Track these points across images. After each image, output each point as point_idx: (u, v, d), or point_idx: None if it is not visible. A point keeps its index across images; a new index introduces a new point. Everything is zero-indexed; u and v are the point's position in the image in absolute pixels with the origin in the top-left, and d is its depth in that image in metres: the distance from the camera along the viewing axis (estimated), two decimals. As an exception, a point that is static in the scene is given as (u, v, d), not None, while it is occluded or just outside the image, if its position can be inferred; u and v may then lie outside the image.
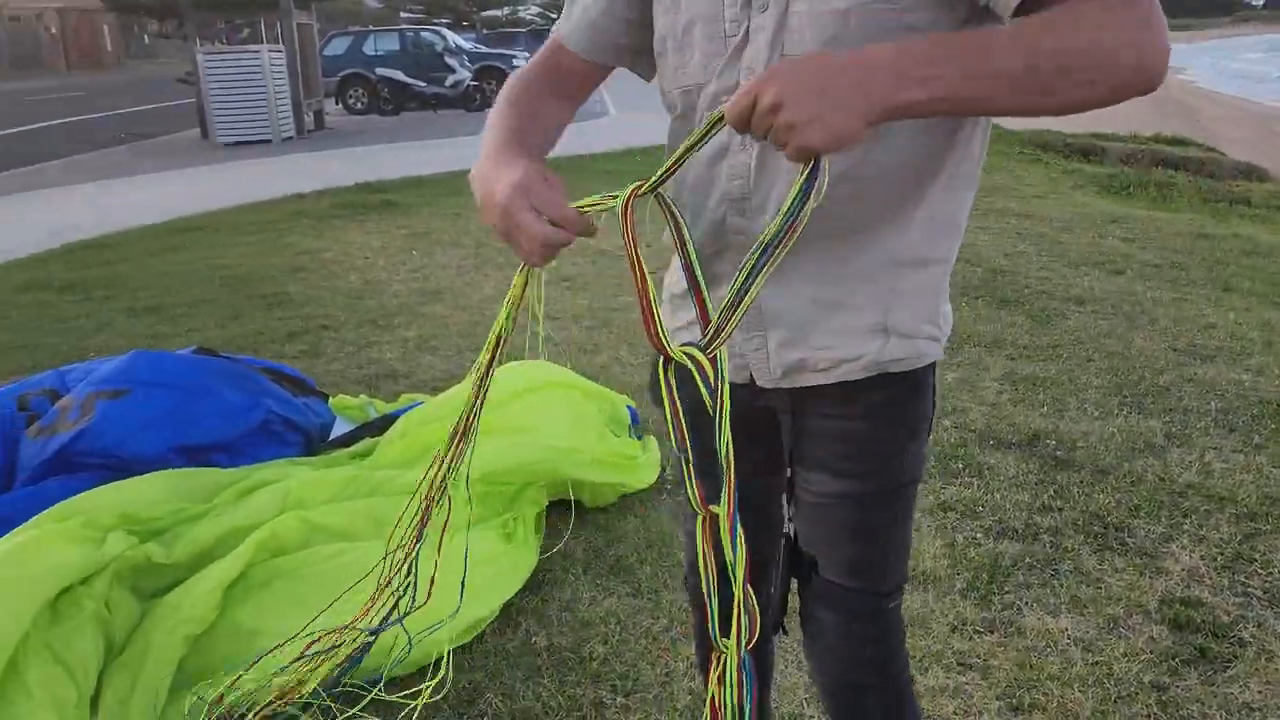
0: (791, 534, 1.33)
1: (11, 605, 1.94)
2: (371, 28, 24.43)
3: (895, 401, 1.22)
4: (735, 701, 1.09)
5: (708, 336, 1.05)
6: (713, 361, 1.04)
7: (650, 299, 1.06)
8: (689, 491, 1.08)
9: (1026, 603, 2.37)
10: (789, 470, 1.30)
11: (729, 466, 1.05)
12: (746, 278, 1.02)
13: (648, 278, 1.07)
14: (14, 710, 1.82)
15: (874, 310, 1.17)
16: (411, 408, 3.19)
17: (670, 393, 1.06)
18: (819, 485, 1.26)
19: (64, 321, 4.94)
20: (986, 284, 5.10)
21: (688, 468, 1.08)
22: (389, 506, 2.55)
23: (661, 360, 1.08)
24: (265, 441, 2.82)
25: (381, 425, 3.11)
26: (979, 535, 2.66)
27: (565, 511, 2.80)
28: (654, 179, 1.08)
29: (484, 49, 23.87)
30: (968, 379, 3.77)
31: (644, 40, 1.25)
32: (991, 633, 2.26)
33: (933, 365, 1.23)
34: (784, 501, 1.33)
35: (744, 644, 1.09)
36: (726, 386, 1.04)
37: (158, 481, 2.56)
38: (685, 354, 1.06)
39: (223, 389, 2.83)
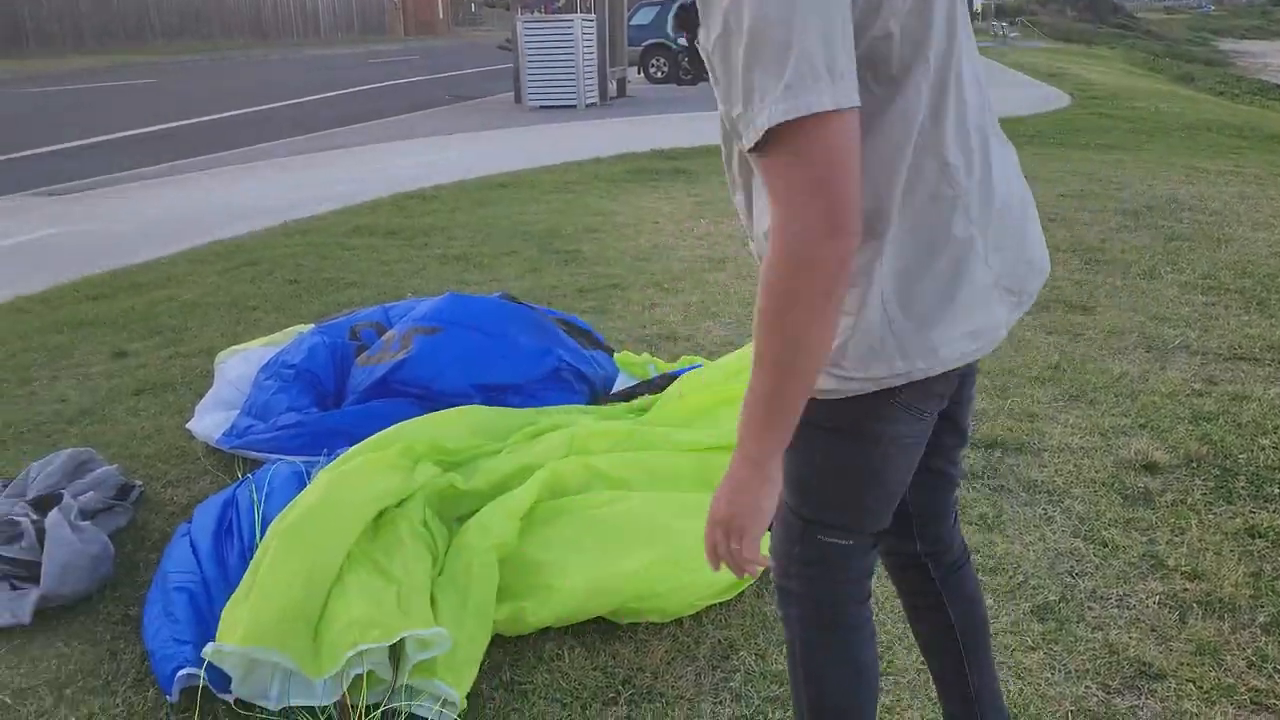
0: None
1: (339, 526, 2.21)
2: (677, -2, 24.78)
3: None
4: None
5: None
6: None
7: None
8: None
9: (1341, 649, 2.13)
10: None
11: None
12: None
13: None
14: (335, 607, 2.07)
15: None
16: (690, 369, 3.29)
17: None
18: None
19: (387, 264, 5.48)
20: (1329, 293, 4.55)
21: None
22: (663, 461, 2.67)
23: None
24: (555, 388, 3.03)
25: (661, 384, 3.24)
26: (1290, 568, 2.42)
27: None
28: None
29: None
30: (1294, 396, 3.40)
31: None
32: (1294, 675, 2.06)
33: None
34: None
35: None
36: None
37: (461, 417, 2.81)
38: None
39: (521, 335, 3.06)
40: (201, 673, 1.96)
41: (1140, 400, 3.35)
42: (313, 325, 3.62)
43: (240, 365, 3.42)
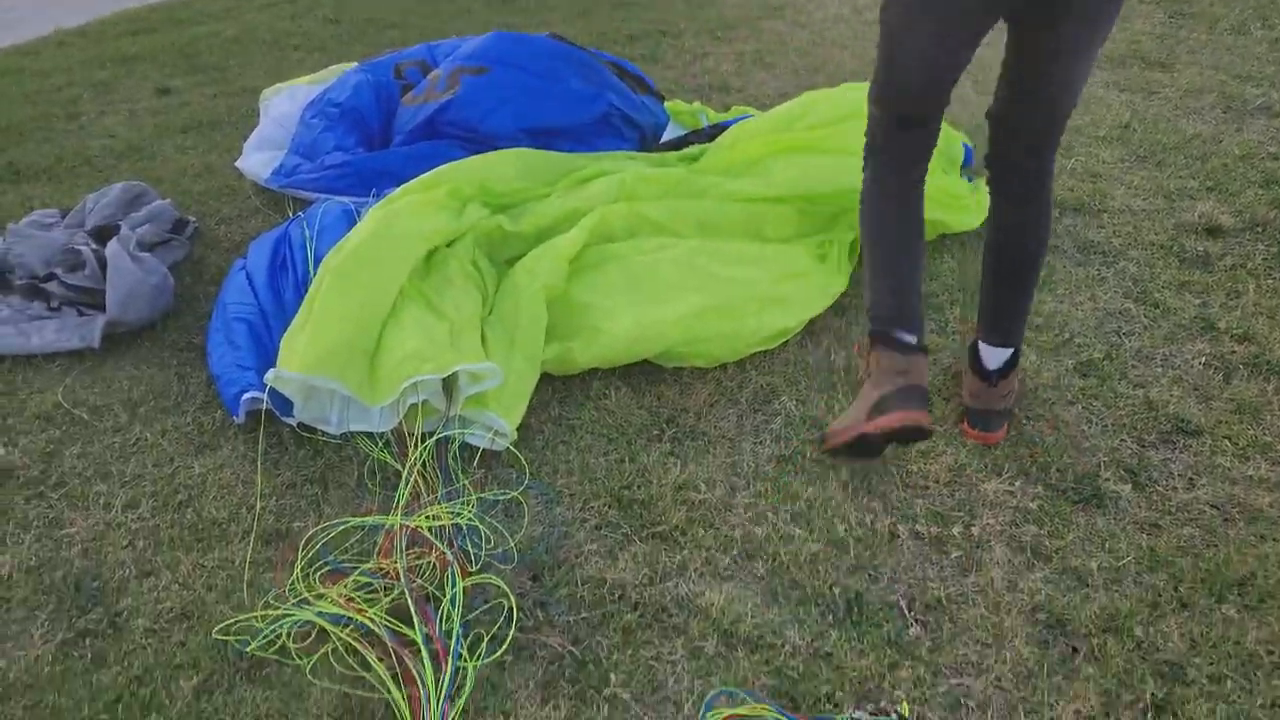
0: None
1: (391, 261, 2.24)
2: None
3: None
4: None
5: None
6: None
7: None
8: None
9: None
10: None
11: None
12: None
13: None
14: (389, 340, 2.13)
15: None
16: (742, 119, 3.19)
17: None
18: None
19: (430, 3, 5.26)
20: None
21: None
22: (712, 210, 2.64)
23: None
24: (604, 132, 2.96)
25: (711, 133, 3.15)
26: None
27: (882, 241, 2.77)
28: None
29: None
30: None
31: None
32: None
33: None
34: None
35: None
36: None
37: (509, 159, 2.77)
38: None
39: (571, 77, 2.96)
40: (264, 397, 2.05)
41: (1211, 162, 3.22)
42: (356, 64, 3.53)
43: (285, 103, 3.37)
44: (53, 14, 5.16)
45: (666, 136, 3.25)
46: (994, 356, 2.07)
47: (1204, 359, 2.29)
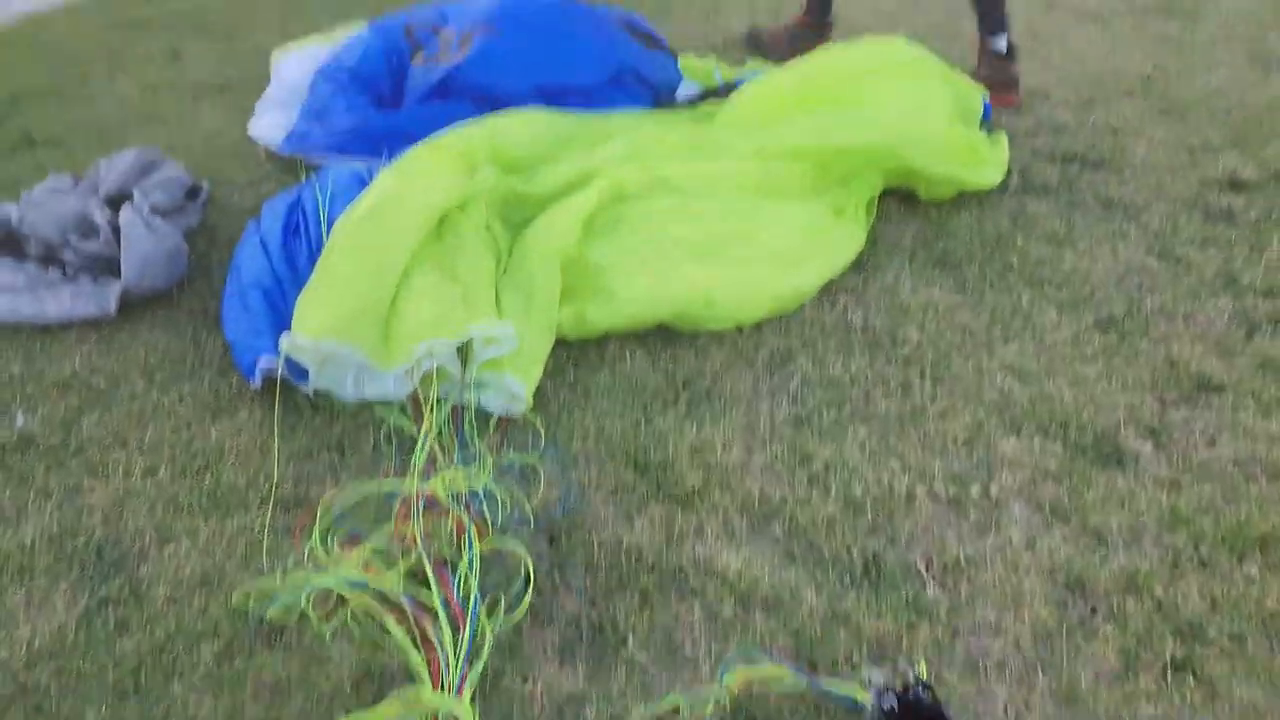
0: None
1: (403, 224, 2.22)
2: None
3: None
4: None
5: None
6: None
7: None
8: None
9: None
10: None
11: None
12: None
13: None
14: (402, 305, 2.12)
15: None
16: (756, 75, 3.15)
17: None
18: None
19: (441, -38, 5.19)
20: None
21: None
22: (727, 168, 2.61)
23: None
24: (617, 91, 2.92)
25: (725, 91, 3.11)
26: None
27: (897, 196, 2.74)
28: None
29: None
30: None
31: None
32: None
33: None
34: None
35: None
36: None
37: (522, 120, 2.74)
38: None
39: (583, 35, 2.92)
40: (280, 362, 2.05)
41: (1234, 115, 3.16)
42: (366, 24, 3.49)
43: (295, 65, 3.34)
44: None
45: (680, 93, 3.21)
46: (998, 42, 3.22)
47: (1227, 315, 2.26)
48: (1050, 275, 2.42)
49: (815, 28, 3.70)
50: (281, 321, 2.18)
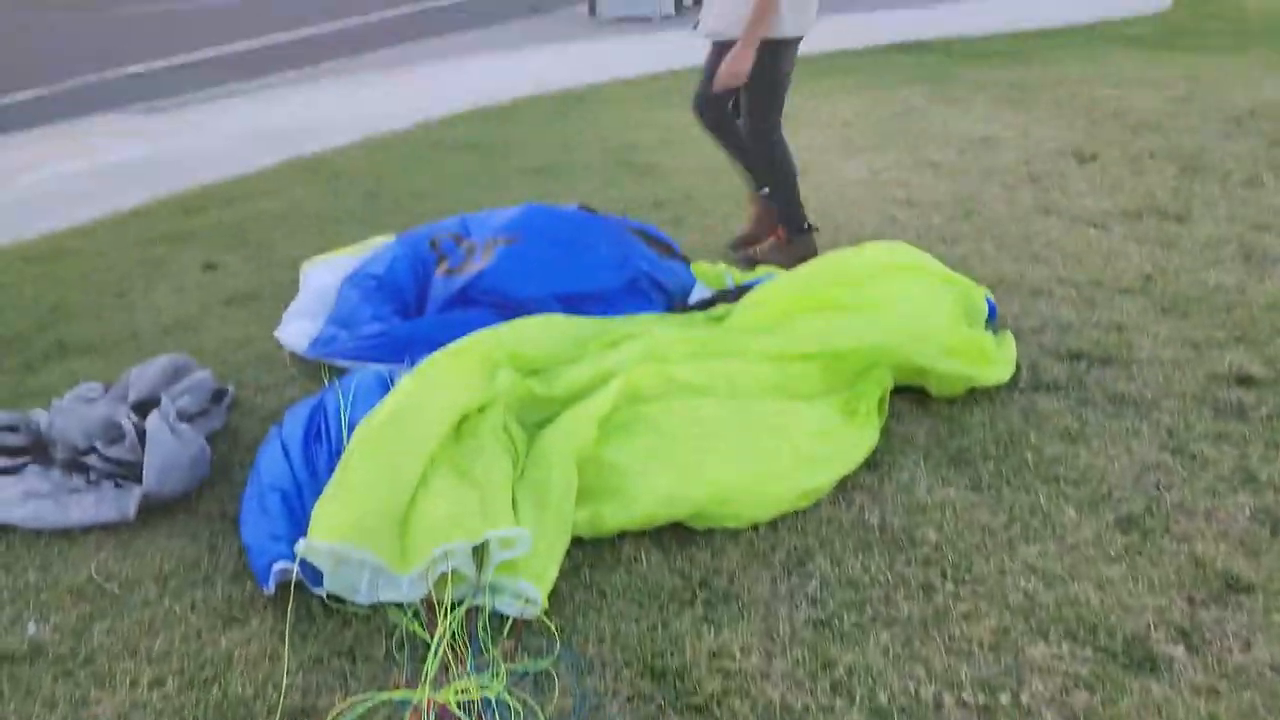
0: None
1: (422, 431, 2.27)
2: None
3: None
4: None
5: None
6: None
7: None
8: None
9: None
10: None
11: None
12: None
13: None
14: (419, 508, 2.13)
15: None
16: (766, 279, 3.26)
17: None
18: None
19: (467, 176, 5.50)
20: None
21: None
22: (740, 369, 2.67)
23: None
24: (633, 297, 3.03)
25: (737, 294, 3.21)
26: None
27: (909, 394, 2.78)
28: None
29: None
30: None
31: None
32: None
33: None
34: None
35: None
36: None
37: (540, 325, 2.83)
38: None
39: (600, 245, 3.06)
40: (295, 567, 2.05)
41: (1236, 312, 3.23)
42: (394, 236, 3.67)
43: (325, 274, 3.49)
44: (113, 198, 5.44)
45: (693, 298, 3.32)
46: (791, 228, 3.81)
47: (1248, 512, 2.24)
48: (1066, 473, 2.42)
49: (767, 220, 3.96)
50: (299, 526, 2.19)
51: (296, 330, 3.27)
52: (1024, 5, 11.53)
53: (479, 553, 2.08)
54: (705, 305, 3.23)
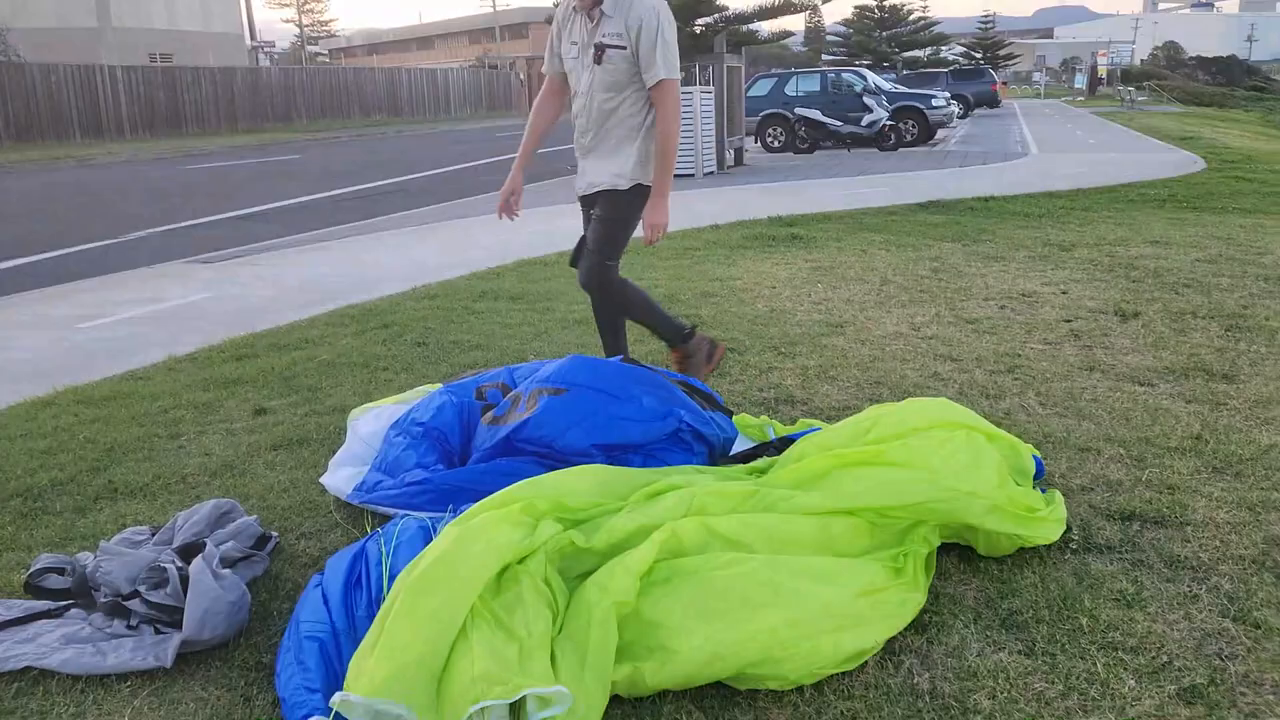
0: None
1: (464, 579, 2.25)
2: (794, 70, 25.23)
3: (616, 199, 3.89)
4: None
5: None
6: None
7: None
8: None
9: None
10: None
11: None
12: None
13: None
14: (457, 662, 2.10)
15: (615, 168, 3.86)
16: (809, 433, 3.26)
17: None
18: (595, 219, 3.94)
19: (511, 326, 5.63)
20: None
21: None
22: (782, 524, 2.64)
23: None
24: (675, 448, 3.04)
25: (779, 446, 3.21)
26: None
27: (957, 553, 2.72)
28: None
29: (903, 89, 23.75)
30: None
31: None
32: None
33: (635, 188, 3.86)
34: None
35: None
36: None
37: (582, 476, 2.84)
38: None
39: (643, 395, 3.09)
40: (330, 720, 2.01)
41: (1292, 473, 3.16)
42: (440, 385, 3.73)
43: (372, 422, 3.55)
44: (168, 344, 5.62)
45: (736, 449, 3.32)
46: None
47: (1320, 685, 2.14)
48: (1123, 640, 2.34)
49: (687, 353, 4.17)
50: (335, 676, 2.16)
51: (342, 476, 3.30)
52: (1052, 166, 11.81)
53: (516, 709, 2.03)
54: (747, 457, 3.23)
